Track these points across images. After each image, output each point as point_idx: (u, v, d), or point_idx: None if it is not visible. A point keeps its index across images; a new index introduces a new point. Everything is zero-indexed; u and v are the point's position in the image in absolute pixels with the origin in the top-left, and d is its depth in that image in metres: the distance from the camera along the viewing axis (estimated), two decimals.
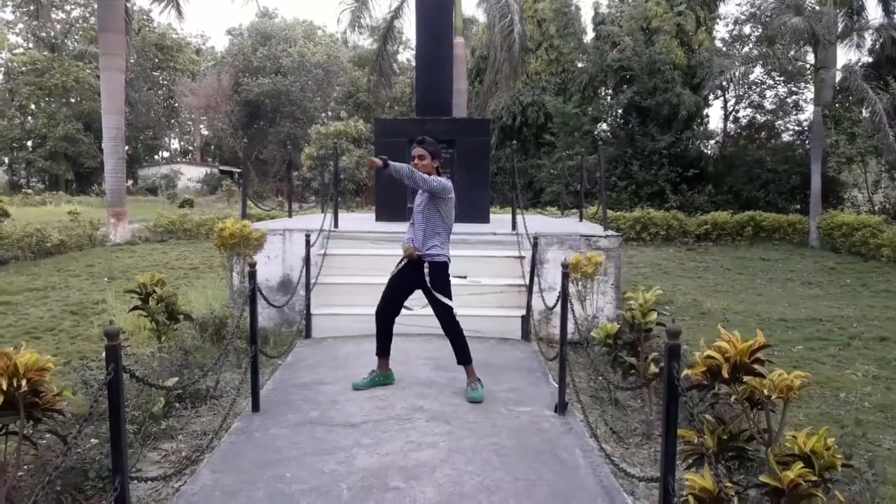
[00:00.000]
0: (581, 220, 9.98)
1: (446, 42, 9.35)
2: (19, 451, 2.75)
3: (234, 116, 39.62)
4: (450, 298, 4.45)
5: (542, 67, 24.91)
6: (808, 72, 17.73)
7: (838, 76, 17.22)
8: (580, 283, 5.52)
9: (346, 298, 6.38)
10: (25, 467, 3.06)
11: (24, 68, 37.10)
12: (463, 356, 4.50)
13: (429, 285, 4.37)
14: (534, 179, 23.04)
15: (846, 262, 13.05)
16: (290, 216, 9.99)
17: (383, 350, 4.59)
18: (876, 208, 18.26)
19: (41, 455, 3.06)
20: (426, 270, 4.38)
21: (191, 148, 53.28)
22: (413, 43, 20.01)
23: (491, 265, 6.70)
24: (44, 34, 38.83)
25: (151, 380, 3.87)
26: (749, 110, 24.24)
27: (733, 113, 24.60)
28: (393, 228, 6.94)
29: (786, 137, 23.15)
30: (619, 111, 22.56)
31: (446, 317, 4.44)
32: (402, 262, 4.52)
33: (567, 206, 13.45)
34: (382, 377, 4.60)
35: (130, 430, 3.52)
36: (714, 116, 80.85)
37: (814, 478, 2.28)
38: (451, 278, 4.54)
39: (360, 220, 9.34)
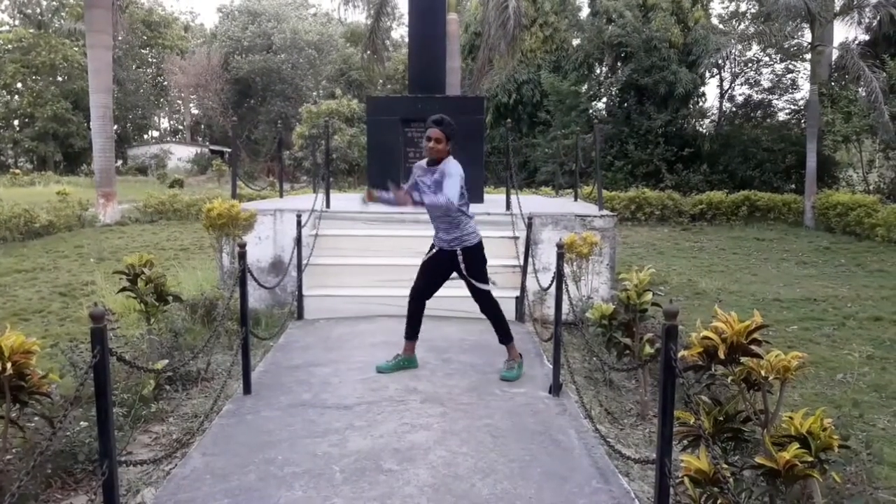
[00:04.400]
0: (576, 199, 9.92)
1: (439, 18, 9.19)
2: (6, 434, 2.71)
3: (225, 95, 39.08)
4: (486, 283, 4.38)
5: (536, 45, 24.59)
6: (805, 49, 17.59)
7: (835, 54, 17.08)
8: (575, 263, 5.49)
9: (338, 279, 6.32)
10: (14, 451, 3.01)
11: (9, 46, 36.41)
12: (504, 335, 4.49)
13: (464, 272, 4.29)
14: (528, 159, 22.87)
15: (841, 241, 13.07)
16: (281, 196, 9.89)
17: (413, 333, 4.49)
18: (871, 188, 18.25)
19: (29, 439, 3.01)
20: (460, 258, 4.26)
21: (181, 127, 52.64)
22: (406, 19, 19.68)
23: (485, 246, 6.62)
24: (30, 11, 38.09)
25: (141, 362, 3.83)
26: (745, 88, 24.08)
27: (729, 91, 24.41)
28: (385, 209, 6.85)
29: (782, 116, 23.01)
30: (616, 89, 22.35)
31: (485, 300, 4.40)
32: (434, 250, 4.39)
33: (562, 185, 13.38)
34: (407, 360, 4.51)
35: (120, 413, 3.48)
36: (710, 95, 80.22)
37: (810, 458, 2.27)
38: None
39: (352, 200, 9.24)
